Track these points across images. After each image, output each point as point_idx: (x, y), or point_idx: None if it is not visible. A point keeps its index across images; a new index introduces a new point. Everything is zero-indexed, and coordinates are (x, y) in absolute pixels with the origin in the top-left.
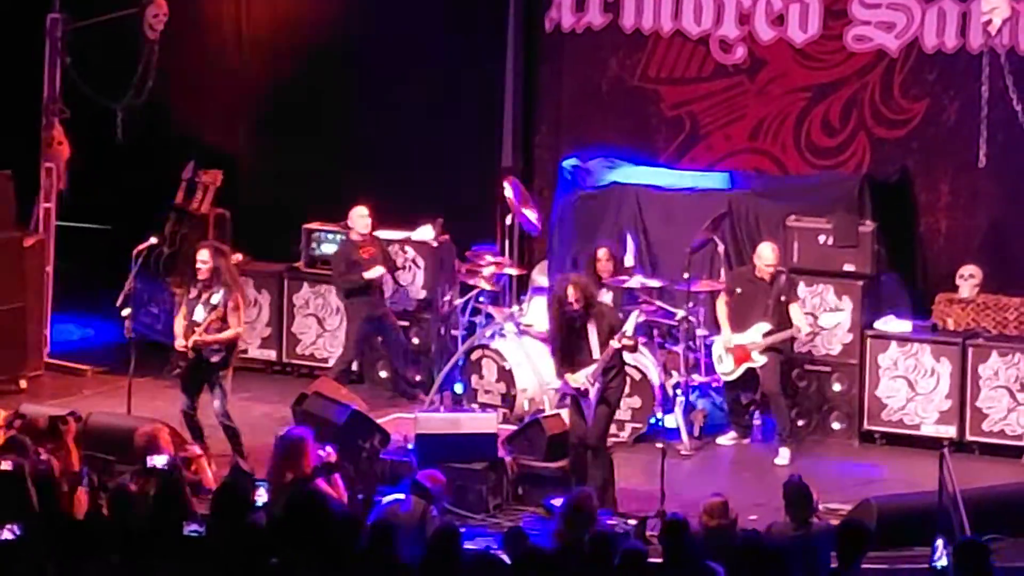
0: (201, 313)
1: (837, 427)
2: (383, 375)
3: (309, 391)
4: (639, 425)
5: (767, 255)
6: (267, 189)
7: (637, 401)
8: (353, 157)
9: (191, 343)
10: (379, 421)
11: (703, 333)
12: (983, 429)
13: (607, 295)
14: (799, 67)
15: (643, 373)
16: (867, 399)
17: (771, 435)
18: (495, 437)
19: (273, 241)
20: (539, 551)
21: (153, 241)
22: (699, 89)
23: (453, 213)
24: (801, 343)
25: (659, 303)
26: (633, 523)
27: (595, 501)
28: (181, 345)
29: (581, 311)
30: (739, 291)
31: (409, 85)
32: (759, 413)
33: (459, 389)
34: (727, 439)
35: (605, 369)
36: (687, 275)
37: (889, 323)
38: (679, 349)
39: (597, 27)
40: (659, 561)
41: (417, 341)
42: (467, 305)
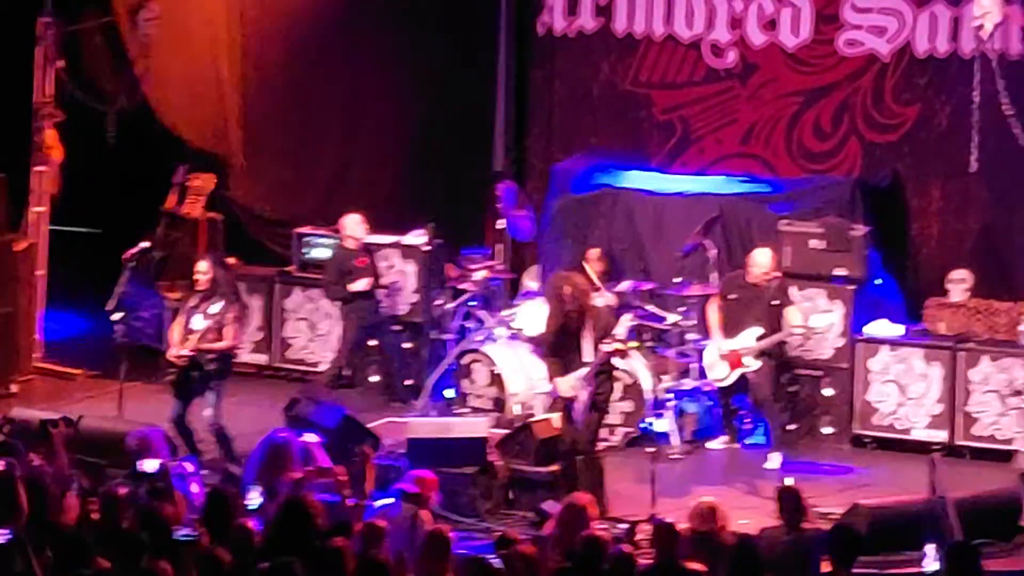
0: (199, 322)
1: (828, 431)
2: (374, 380)
3: (300, 395)
4: (630, 429)
5: (763, 261)
6: (259, 193)
7: (628, 405)
8: (345, 161)
9: (184, 351)
10: (370, 425)
11: (694, 337)
12: (974, 434)
13: (601, 300)
14: (791, 71)
15: (634, 377)
16: (858, 403)
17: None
18: (486, 441)
19: (264, 245)
20: (529, 556)
21: (144, 245)
22: (691, 93)
23: (444, 217)
24: (793, 347)
25: (650, 307)
26: (624, 527)
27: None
28: (174, 354)
29: (576, 312)
30: (732, 297)
31: (401, 89)
32: (750, 418)
33: (450, 393)
34: (718, 443)
35: (596, 374)
36: (678, 279)
37: (880, 327)
38: (670, 353)
39: (589, 31)
40: (648, 565)
41: (408, 346)
42: (458, 309)
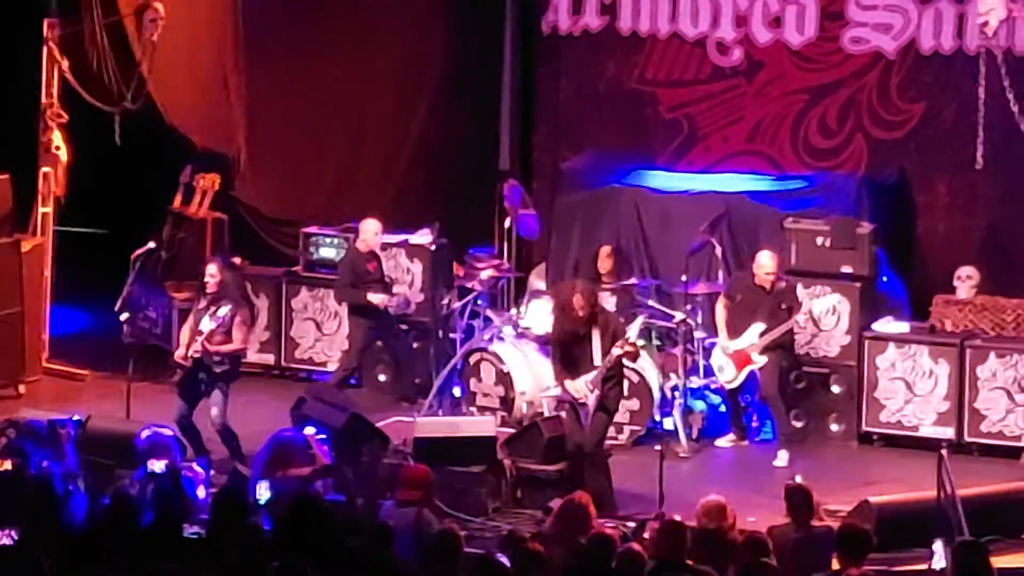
0: (208, 324)
1: (835, 429)
2: (382, 379)
3: (308, 395)
4: (637, 428)
5: (766, 263)
6: (265, 193)
7: (635, 403)
8: (351, 161)
9: (191, 352)
10: (378, 424)
11: (701, 335)
12: (981, 430)
13: (610, 299)
14: (796, 69)
15: (641, 376)
16: (865, 401)
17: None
18: (494, 440)
19: (271, 245)
20: (538, 554)
21: (151, 245)
22: (696, 91)
23: (451, 216)
24: (800, 344)
25: (657, 305)
26: (632, 526)
27: (591, 506)
28: (180, 355)
29: (586, 318)
30: (739, 298)
31: (407, 88)
32: (757, 415)
33: (457, 393)
34: (725, 441)
35: (605, 377)
36: (685, 277)
37: (887, 325)
38: (677, 351)
39: (594, 30)
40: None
41: (416, 345)
42: (465, 308)
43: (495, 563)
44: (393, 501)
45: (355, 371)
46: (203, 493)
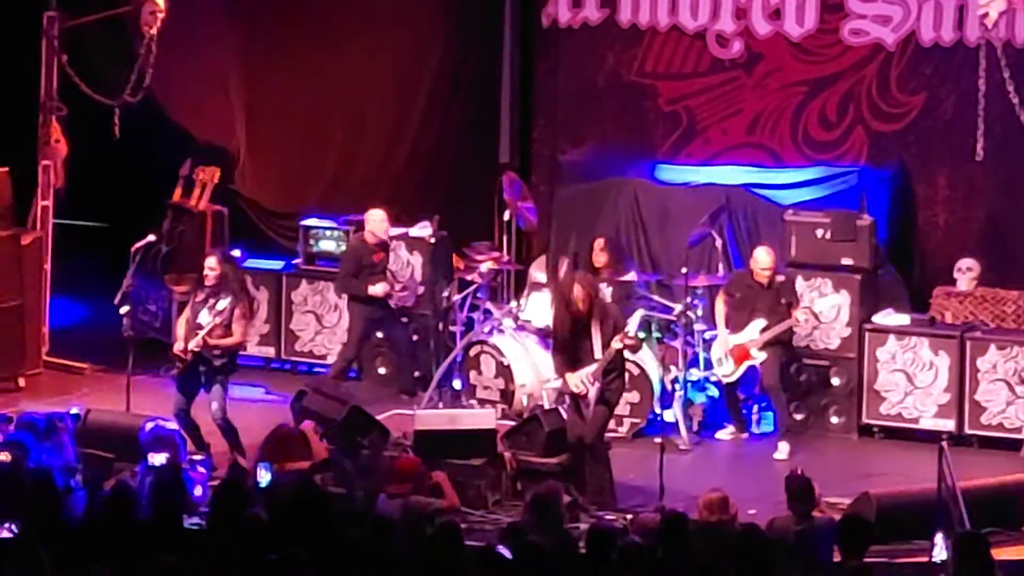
0: (206, 317)
1: (836, 421)
2: (382, 371)
3: (308, 388)
4: (638, 420)
5: (763, 260)
6: (264, 186)
7: (635, 396)
8: (350, 154)
9: (192, 346)
10: (378, 417)
11: (701, 328)
12: (982, 422)
13: (607, 290)
14: (796, 61)
15: (641, 368)
16: (866, 393)
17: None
18: (494, 433)
19: (271, 238)
20: (539, 547)
21: (151, 238)
22: (696, 84)
23: (450, 209)
24: (801, 336)
25: (657, 298)
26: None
27: (563, 495)
28: (180, 348)
29: (587, 310)
30: (738, 295)
31: (407, 81)
32: (757, 408)
33: (457, 385)
34: (726, 434)
35: (606, 370)
36: (685, 270)
37: (887, 317)
38: (677, 344)
39: (594, 22)
40: (658, 556)
41: (416, 337)
42: (465, 301)
43: (497, 556)
44: (385, 495)
45: (354, 361)
46: (200, 492)
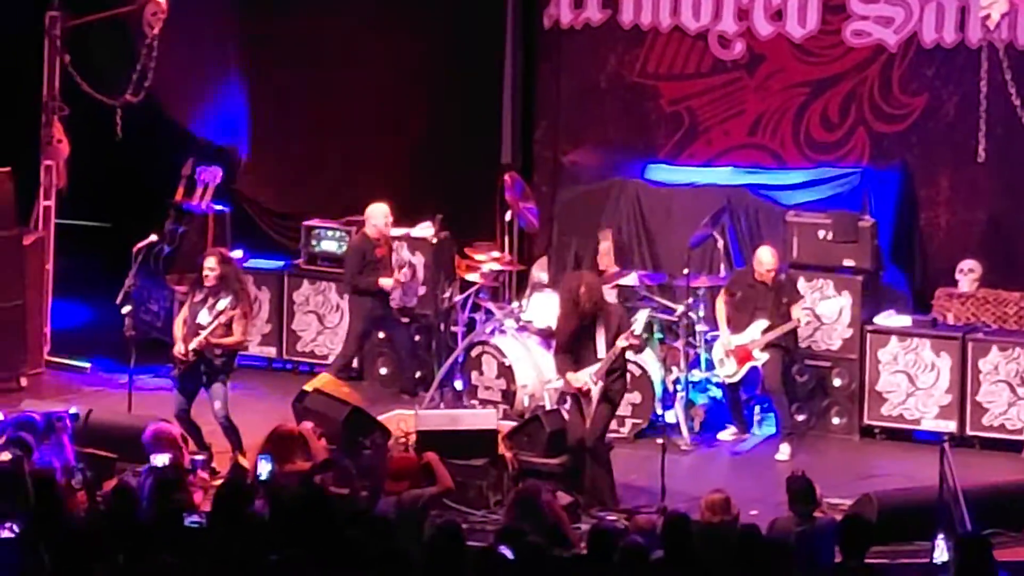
0: (206, 317)
1: (837, 422)
2: (383, 371)
3: (310, 388)
4: (639, 421)
5: (766, 259)
6: (266, 186)
7: (637, 397)
8: (353, 154)
9: (194, 346)
10: (380, 418)
11: (703, 328)
12: (983, 424)
13: (611, 291)
14: (798, 62)
15: (643, 369)
16: (867, 394)
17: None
18: (495, 433)
19: (273, 238)
20: (541, 548)
21: (153, 238)
22: (698, 85)
23: (453, 209)
24: (802, 338)
25: (659, 298)
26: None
27: (544, 495)
28: (180, 351)
29: (591, 311)
30: (739, 295)
31: (409, 82)
32: (759, 409)
33: (459, 386)
34: (727, 434)
35: (609, 369)
36: (687, 270)
37: (889, 318)
38: (679, 345)
39: (596, 23)
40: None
41: (417, 338)
42: (467, 301)
43: (499, 556)
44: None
45: (354, 358)
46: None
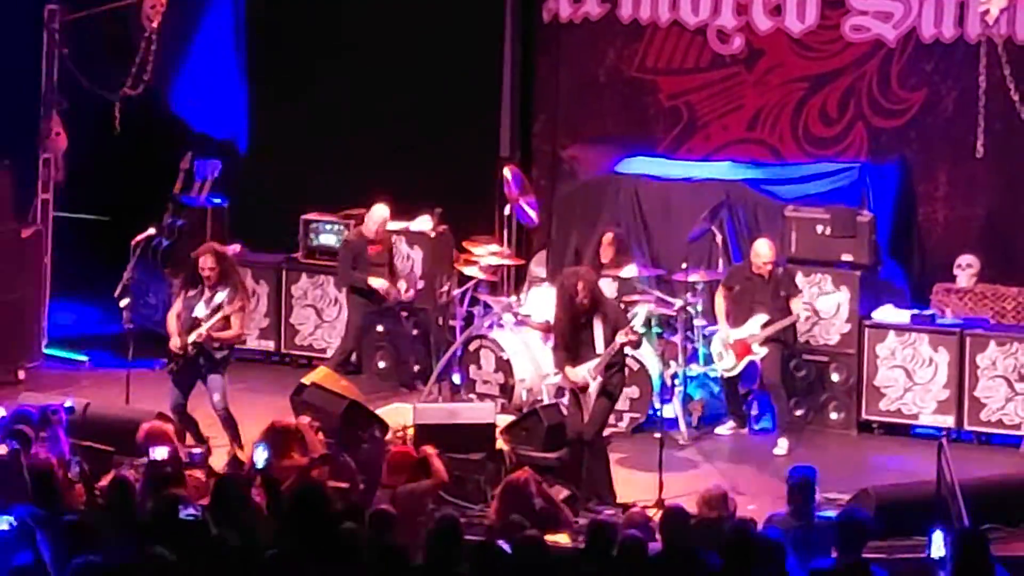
0: (202, 310)
1: (835, 417)
2: (382, 365)
3: (307, 381)
4: (637, 415)
5: (764, 252)
6: (265, 179)
7: (635, 391)
8: (351, 148)
9: (194, 339)
10: (378, 411)
11: (701, 323)
12: (981, 419)
13: (612, 284)
14: (797, 57)
15: (641, 363)
16: (865, 389)
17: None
18: (493, 427)
19: (271, 231)
20: (538, 541)
21: (151, 232)
22: (697, 79)
23: (451, 203)
24: (801, 332)
25: (657, 293)
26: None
27: (532, 486)
28: (177, 344)
29: (589, 306)
30: (737, 288)
31: (407, 76)
32: (757, 404)
33: (457, 379)
34: (725, 429)
35: (607, 364)
36: (685, 265)
37: (887, 313)
38: (677, 339)
39: (595, 17)
40: (658, 551)
41: (415, 332)
42: (465, 295)
43: (497, 550)
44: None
45: (352, 352)
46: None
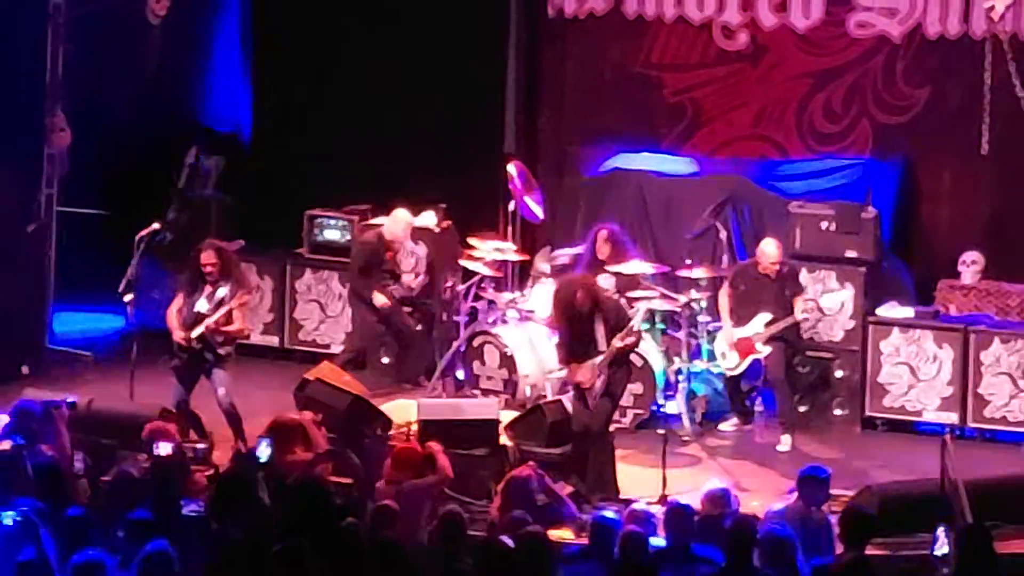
0: (204, 305)
1: (839, 413)
2: (385, 361)
3: (311, 377)
4: (641, 411)
5: (771, 252)
6: (270, 175)
7: (639, 387)
8: (356, 143)
9: (199, 332)
10: (381, 407)
11: (705, 319)
12: (985, 416)
13: (610, 280)
14: (801, 53)
15: (645, 359)
16: (869, 385)
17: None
18: (497, 423)
19: (275, 227)
20: (541, 536)
21: (155, 227)
22: (701, 75)
23: (456, 199)
24: (805, 329)
25: (661, 289)
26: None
27: (535, 481)
28: (181, 337)
29: (589, 309)
30: (742, 287)
31: (412, 71)
32: (760, 399)
33: (461, 375)
34: (728, 425)
35: (610, 363)
36: (689, 261)
37: (891, 309)
38: (681, 335)
39: (600, 13)
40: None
41: (419, 327)
42: (469, 291)
43: (501, 546)
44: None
45: (359, 352)
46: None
